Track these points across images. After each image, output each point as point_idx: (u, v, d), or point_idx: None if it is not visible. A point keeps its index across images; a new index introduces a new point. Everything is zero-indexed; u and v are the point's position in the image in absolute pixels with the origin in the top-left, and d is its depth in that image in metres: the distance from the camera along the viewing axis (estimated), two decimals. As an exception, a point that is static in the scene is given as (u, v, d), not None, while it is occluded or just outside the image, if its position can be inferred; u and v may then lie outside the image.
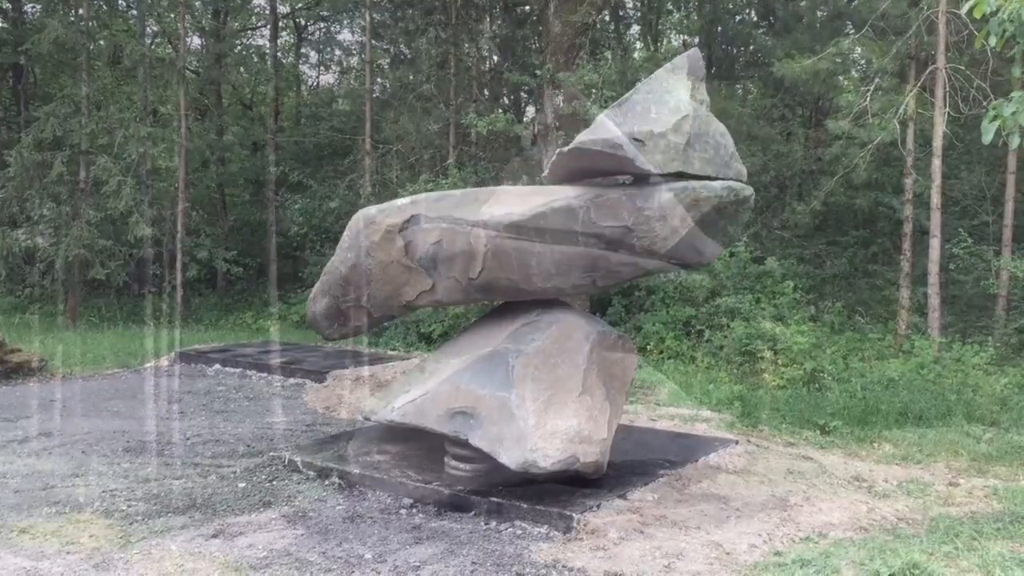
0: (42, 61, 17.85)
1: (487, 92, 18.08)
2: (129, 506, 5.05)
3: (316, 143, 19.88)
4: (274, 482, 5.58)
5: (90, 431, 6.98)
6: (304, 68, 24.81)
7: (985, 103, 9.49)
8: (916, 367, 9.54)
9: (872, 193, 13.81)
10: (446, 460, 5.40)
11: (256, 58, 22.26)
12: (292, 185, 17.95)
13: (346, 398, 8.44)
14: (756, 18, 19.46)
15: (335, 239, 6.57)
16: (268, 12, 20.82)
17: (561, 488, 5.05)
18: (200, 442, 6.69)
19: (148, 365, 10.66)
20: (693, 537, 4.54)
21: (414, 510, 5.02)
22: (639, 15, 20.96)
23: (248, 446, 6.57)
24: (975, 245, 11.81)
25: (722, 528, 4.70)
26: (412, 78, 17.54)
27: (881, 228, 15.11)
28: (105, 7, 18.63)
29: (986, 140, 4.69)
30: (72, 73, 17.28)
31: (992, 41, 4.62)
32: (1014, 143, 4.60)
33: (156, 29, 21.21)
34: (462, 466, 5.27)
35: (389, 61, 20.06)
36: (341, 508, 5.06)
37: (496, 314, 5.87)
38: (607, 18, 19.32)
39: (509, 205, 5.18)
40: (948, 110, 10.53)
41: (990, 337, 10.87)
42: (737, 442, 6.62)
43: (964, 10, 4.65)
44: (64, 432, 6.96)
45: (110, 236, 15.50)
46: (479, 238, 5.17)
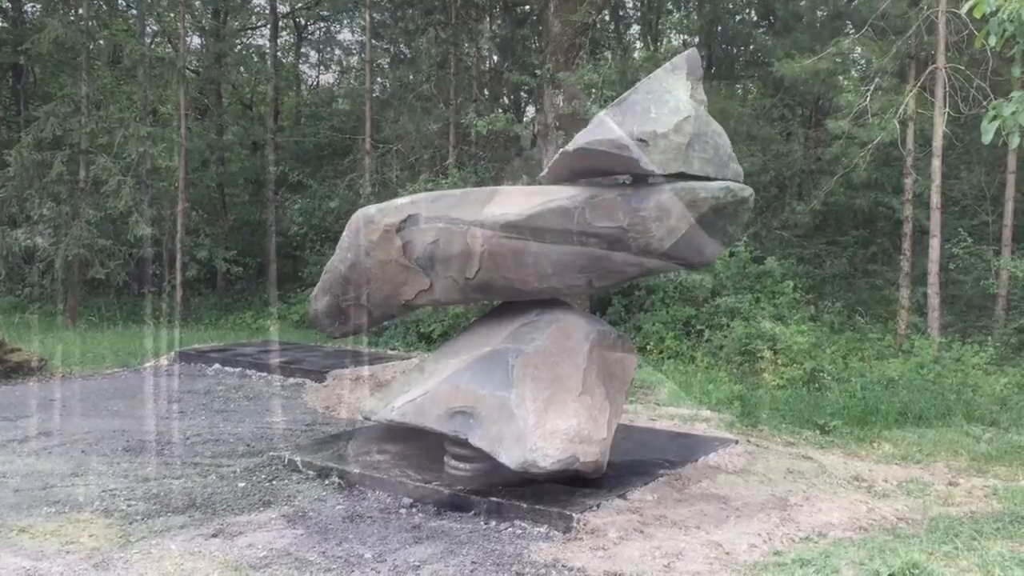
0: (42, 60, 17.84)
1: (487, 92, 18.08)
2: (129, 506, 5.05)
3: (316, 143, 19.86)
4: (274, 482, 5.58)
5: (90, 431, 6.98)
6: (304, 68, 24.86)
7: (985, 103, 9.48)
8: (916, 367, 9.54)
9: (872, 193, 13.82)
10: (446, 460, 5.40)
11: (256, 58, 22.25)
12: (292, 185, 17.94)
13: (346, 398, 8.44)
14: (756, 18, 19.46)
15: (335, 239, 6.57)
16: (268, 12, 20.83)
17: (561, 488, 5.04)
18: (200, 442, 6.70)
19: (148, 365, 10.66)
20: (693, 537, 4.54)
21: (414, 510, 5.02)
22: (639, 15, 20.95)
23: (248, 446, 6.57)
24: (975, 245, 11.81)
25: (722, 528, 4.70)
26: (412, 78, 17.54)
27: (881, 228, 15.11)
28: (105, 7, 18.62)
29: (986, 140, 4.69)
30: (72, 73, 17.28)
31: (992, 41, 4.62)
32: (1014, 143, 4.61)
33: (156, 28, 21.23)
34: (462, 466, 5.27)
35: (389, 61, 20.06)
36: (341, 508, 5.06)
37: (496, 314, 5.87)
38: (607, 18, 19.31)
39: (506, 205, 5.18)
40: (948, 110, 10.53)
41: (990, 337, 10.87)
42: (737, 442, 6.62)
43: (964, 10, 4.65)
44: (64, 432, 6.96)
45: (110, 236, 15.50)
46: (475, 238, 5.17)
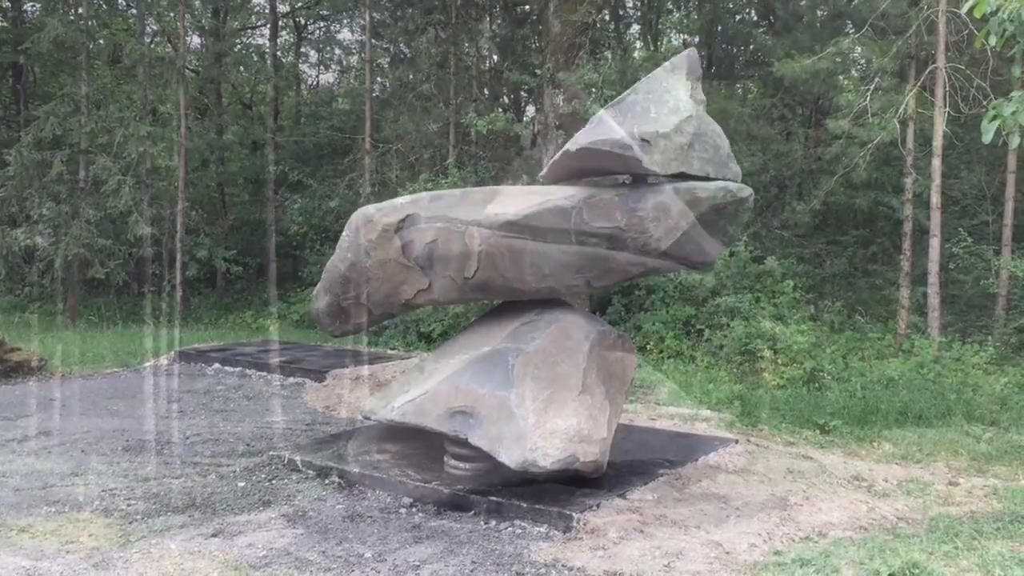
0: (42, 60, 17.84)
1: (487, 91, 18.08)
2: (128, 505, 5.05)
3: (316, 142, 19.85)
4: (274, 481, 5.57)
5: (89, 430, 6.98)
6: (304, 67, 24.84)
7: (985, 103, 9.48)
8: (916, 366, 9.54)
9: (872, 193, 13.81)
10: (446, 459, 5.40)
11: (256, 57, 22.25)
12: (292, 184, 17.94)
13: (346, 397, 8.43)
14: (756, 17, 19.44)
15: (335, 238, 6.57)
16: (268, 11, 20.83)
17: (561, 487, 5.04)
18: (199, 441, 6.69)
19: (147, 364, 10.66)
20: (693, 536, 4.54)
21: (414, 509, 5.02)
22: (639, 14, 20.93)
23: (248, 445, 6.57)
24: (975, 244, 11.81)
25: (722, 527, 4.70)
26: (412, 77, 17.53)
27: (881, 228, 15.11)
28: (105, 6, 18.62)
29: (986, 140, 4.69)
30: (72, 72, 17.28)
31: (992, 40, 4.61)
32: (1014, 142, 4.60)
33: (156, 28, 21.23)
34: (462, 465, 5.27)
35: (389, 60, 20.05)
36: (341, 507, 5.06)
37: (496, 313, 5.87)
38: (607, 17, 19.30)
39: (504, 205, 5.18)
40: (948, 110, 10.53)
41: (990, 336, 10.87)
42: (737, 441, 6.62)
43: (964, 9, 4.65)
44: (63, 431, 6.96)
45: (110, 235, 15.50)
46: (473, 238, 5.18)
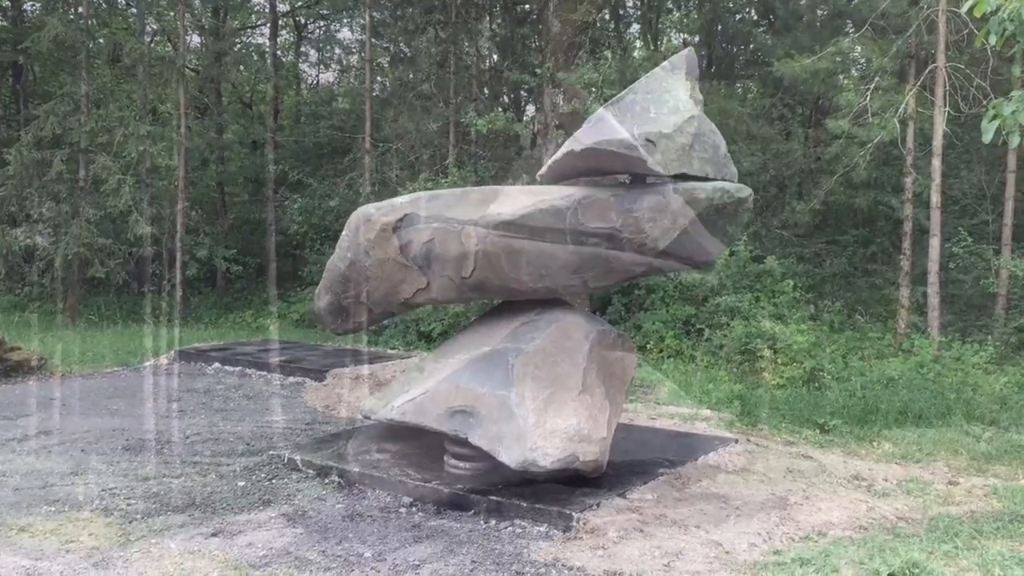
0: (41, 59, 17.84)
1: (487, 91, 18.07)
2: (128, 505, 5.05)
3: (316, 142, 19.85)
4: (273, 481, 5.57)
5: (89, 429, 6.98)
6: (304, 67, 24.83)
7: (985, 102, 9.48)
8: (916, 366, 9.54)
9: (872, 192, 13.81)
10: (446, 459, 5.40)
11: (256, 56, 22.24)
12: (292, 184, 17.94)
13: (345, 397, 8.43)
14: (756, 17, 19.43)
15: (335, 238, 6.57)
16: (268, 10, 20.83)
17: (560, 487, 5.04)
18: (199, 441, 6.69)
19: (147, 364, 10.66)
20: (693, 536, 4.54)
21: (413, 509, 5.02)
22: (639, 14, 20.93)
23: (247, 445, 6.57)
24: (975, 244, 11.81)
25: (721, 527, 4.70)
26: (412, 77, 17.53)
27: (881, 227, 15.11)
28: (104, 5, 18.60)
29: (986, 139, 4.69)
30: (71, 71, 17.26)
31: (992, 40, 4.61)
32: (1014, 142, 4.60)
33: (155, 27, 21.21)
34: (462, 465, 5.27)
35: (389, 60, 20.05)
36: (340, 507, 5.06)
37: (495, 313, 5.87)
38: (607, 17, 19.29)
39: (501, 205, 5.18)
40: (948, 109, 10.53)
41: (990, 336, 10.88)
42: (736, 441, 6.62)
43: (964, 9, 4.64)
44: (63, 430, 6.96)
45: (109, 235, 15.50)
46: (470, 238, 5.18)
